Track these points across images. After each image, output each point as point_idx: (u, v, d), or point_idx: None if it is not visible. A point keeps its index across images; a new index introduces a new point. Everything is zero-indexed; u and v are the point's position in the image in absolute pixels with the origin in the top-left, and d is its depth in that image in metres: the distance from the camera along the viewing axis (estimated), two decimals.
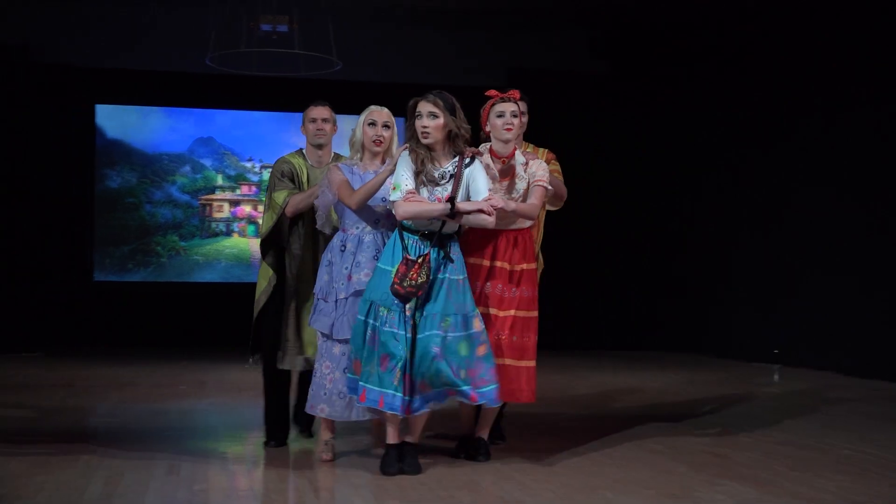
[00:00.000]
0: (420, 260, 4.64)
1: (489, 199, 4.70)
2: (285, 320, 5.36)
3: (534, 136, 5.66)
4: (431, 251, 4.69)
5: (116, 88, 11.60)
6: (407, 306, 4.64)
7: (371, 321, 4.68)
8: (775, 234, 10.25)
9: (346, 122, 5.56)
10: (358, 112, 5.12)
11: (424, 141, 4.75)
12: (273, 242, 5.41)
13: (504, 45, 11.75)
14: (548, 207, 5.53)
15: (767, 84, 10.33)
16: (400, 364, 4.59)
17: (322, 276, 5.04)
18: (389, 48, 11.33)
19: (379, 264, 4.77)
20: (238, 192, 11.80)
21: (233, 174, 11.87)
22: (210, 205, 11.86)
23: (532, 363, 5.10)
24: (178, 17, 10.93)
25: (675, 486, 4.54)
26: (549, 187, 5.10)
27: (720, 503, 4.23)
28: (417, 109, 4.76)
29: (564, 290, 10.95)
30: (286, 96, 10.64)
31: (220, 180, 11.90)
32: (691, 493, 4.40)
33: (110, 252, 11.69)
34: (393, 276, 4.64)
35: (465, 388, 4.66)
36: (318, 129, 5.44)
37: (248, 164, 11.83)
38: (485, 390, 4.72)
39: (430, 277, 4.65)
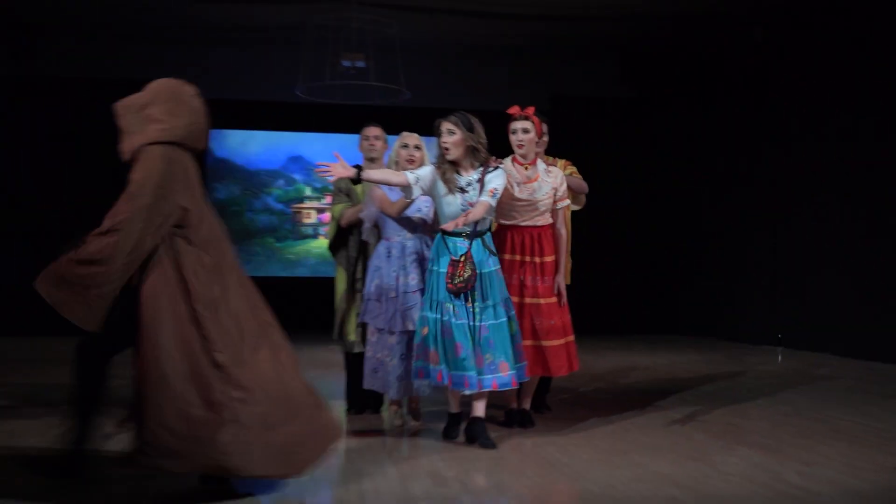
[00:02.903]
0: (462, 258, 4.59)
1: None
2: (347, 313, 5.40)
3: (572, 152, 5.61)
4: (472, 246, 4.63)
5: (223, 116, 11.69)
6: (471, 298, 4.61)
7: (439, 317, 4.61)
8: (781, 236, 10.11)
9: None
10: (424, 133, 5.16)
11: (446, 156, 4.69)
12: (338, 247, 5.46)
13: (547, 74, 11.73)
14: (573, 207, 5.47)
15: (771, 107, 10.20)
16: (471, 349, 4.57)
17: (372, 280, 5.02)
18: (450, 79, 11.37)
19: (432, 267, 4.72)
20: (323, 201, 11.89)
21: (319, 186, 11.97)
22: (300, 212, 11.97)
23: (572, 338, 5.05)
24: (273, 56, 11.06)
25: (695, 451, 4.50)
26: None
27: (734, 465, 4.19)
28: (440, 129, 4.72)
29: (598, 281, 10.90)
30: (363, 121, 10.68)
31: (308, 192, 12.00)
32: (708, 457, 4.36)
33: None
34: (445, 277, 4.62)
35: (513, 370, 4.61)
36: (370, 146, 5.52)
37: (332, 178, 11.90)
38: (520, 365, 4.69)
39: (476, 270, 4.59)
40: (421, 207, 4.97)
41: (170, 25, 10.44)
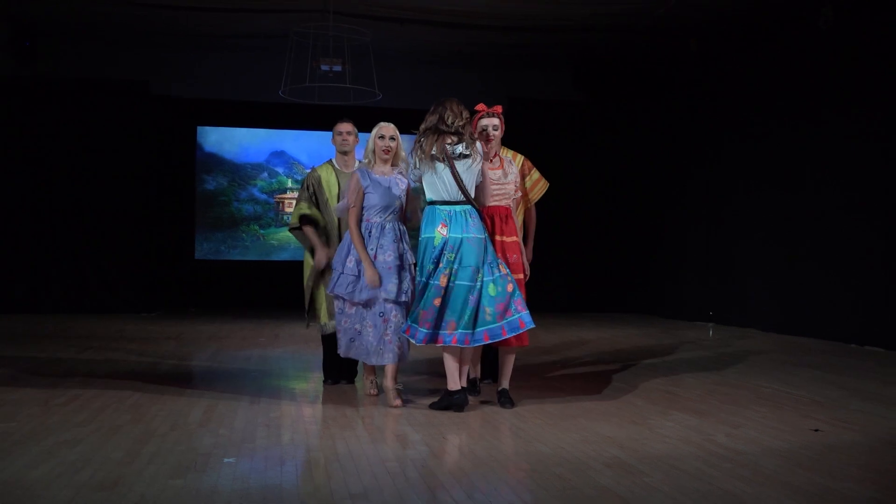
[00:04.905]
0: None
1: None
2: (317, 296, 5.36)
3: (529, 151, 5.56)
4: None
5: (212, 114, 11.66)
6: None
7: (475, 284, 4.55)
8: (713, 223, 10.20)
9: None
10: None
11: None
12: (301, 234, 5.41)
13: (507, 79, 11.70)
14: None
15: (704, 109, 10.28)
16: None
17: (348, 256, 4.80)
18: (419, 81, 11.30)
19: (460, 235, 4.58)
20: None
21: (299, 178, 11.89)
22: (282, 202, 11.89)
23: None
24: (259, 60, 10.95)
25: (636, 416, 4.52)
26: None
27: (669, 428, 4.22)
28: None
29: (548, 264, 10.93)
30: (339, 119, 10.64)
31: (289, 183, 11.92)
32: (647, 421, 4.38)
33: (207, 237, 11.74)
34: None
35: (494, 325, 4.51)
36: (343, 140, 5.40)
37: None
38: (512, 319, 4.54)
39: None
40: (401, 195, 4.83)
41: (163, 31, 10.26)
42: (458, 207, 4.59)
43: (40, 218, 10.51)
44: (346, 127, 5.43)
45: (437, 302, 4.50)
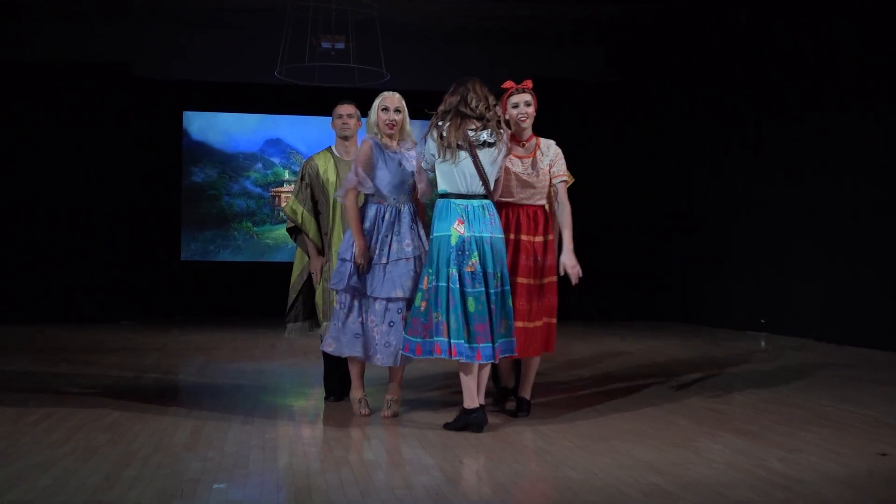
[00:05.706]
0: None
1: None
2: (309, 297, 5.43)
3: (554, 138, 5.53)
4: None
5: (200, 98, 11.71)
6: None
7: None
8: (764, 221, 10.14)
9: None
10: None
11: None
12: (299, 231, 5.44)
13: (531, 57, 11.65)
14: None
15: (755, 89, 10.22)
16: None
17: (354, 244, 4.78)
18: (431, 61, 11.29)
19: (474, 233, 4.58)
20: None
21: (297, 170, 11.88)
22: (278, 196, 11.93)
23: (555, 319, 4.92)
24: (252, 38, 10.97)
25: (678, 437, 4.49)
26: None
27: (717, 452, 4.18)
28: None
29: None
30: None
31: (286, 175, 11.96)
32: (692, 444, 4.35)
33: (195, 236, 11.79)
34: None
35: (507, 339, 4.57)
36: (343, 124, 5.40)
37: None
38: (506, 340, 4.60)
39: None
40: (412, 170, 4.82)
41: (150, 7, 10.30)
42: (475, 202, 4.57)
43: (5, 215, 10.55)
44: (346, 109, 5.41)
45: (467, 310, 4.48)
